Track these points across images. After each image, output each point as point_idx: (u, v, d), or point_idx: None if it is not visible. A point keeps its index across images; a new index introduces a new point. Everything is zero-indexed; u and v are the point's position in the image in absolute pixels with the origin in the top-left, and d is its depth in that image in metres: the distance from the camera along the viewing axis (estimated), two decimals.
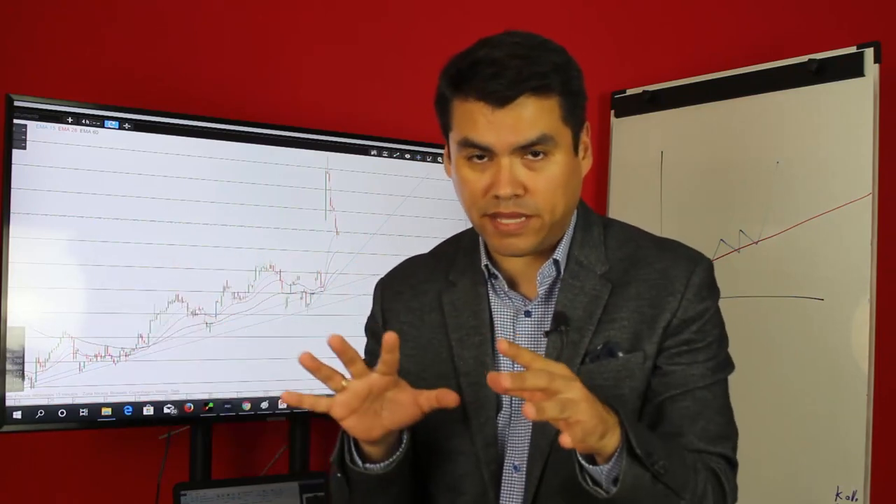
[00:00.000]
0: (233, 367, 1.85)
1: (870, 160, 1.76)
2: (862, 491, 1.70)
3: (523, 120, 1.03)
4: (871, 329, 1.73)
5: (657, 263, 1.14)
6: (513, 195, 1.04)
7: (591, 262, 1.14)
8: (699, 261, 1.16)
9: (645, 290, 1.12)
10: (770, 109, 1.94)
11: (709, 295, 1.14)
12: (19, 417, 1.67)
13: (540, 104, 1.03)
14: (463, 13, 2.31)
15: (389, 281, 1.29)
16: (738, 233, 1.97)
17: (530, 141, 1.03)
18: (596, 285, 1.12)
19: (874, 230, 1.75)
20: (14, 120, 1.68)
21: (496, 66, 1.02)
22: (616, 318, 1.11)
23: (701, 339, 1.13)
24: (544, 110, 1.04)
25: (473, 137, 1.05)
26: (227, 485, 1.83)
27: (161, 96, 1.96)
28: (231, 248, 1.87)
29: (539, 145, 1.04)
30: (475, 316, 1.16)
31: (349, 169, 2.01)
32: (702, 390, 1.12)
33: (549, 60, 1.05)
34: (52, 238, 1.71)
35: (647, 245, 1.18)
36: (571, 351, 1.10)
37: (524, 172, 1.05)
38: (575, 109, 1.08)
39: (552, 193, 1.06)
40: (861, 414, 1.71)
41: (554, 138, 1.05)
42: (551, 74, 1.04)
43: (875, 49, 1.78)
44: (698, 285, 1.13)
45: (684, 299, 1.12)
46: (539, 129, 1.03)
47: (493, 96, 1.02)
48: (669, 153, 2.14)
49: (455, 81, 1.06)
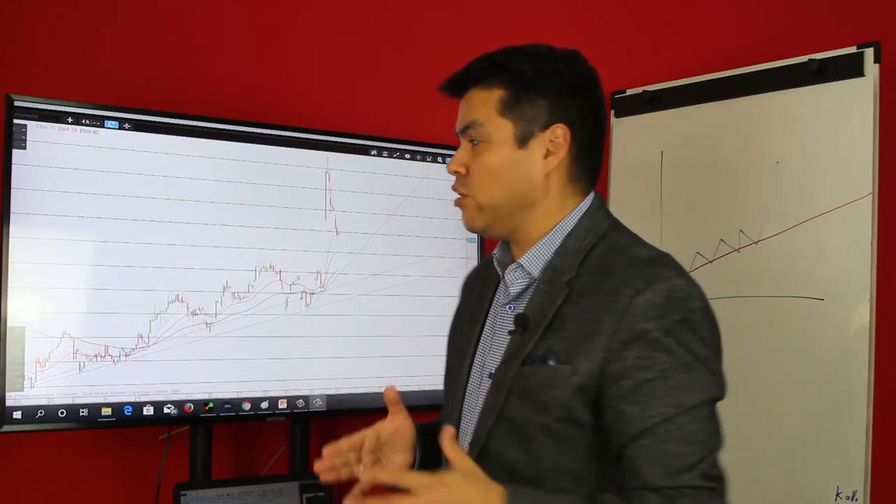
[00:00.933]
0: (233, 367, 1.85)
1: (870, 160, 1.76)
2: (862, 491, 1.70)
3: (465, 107, 1.20)
4: (871, 329, 1.72)
5: (618, 278, 1.09)
6: (454, 172, 1.20)
7: (563, 268, 1.14)
8: (656, 281, 1.07)
9: (595, 304, 1.09)
10: (770, 109, 1.94)
11: (661, 315, 1.05)
12: (19, 417, 1.67)
13: (480, 94, 1.17)
14: (463, 13, 2.31)
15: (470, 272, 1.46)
16: (738, 233, 1.96)
17: (462, 126, 1.19)
18: (555, 291, 1.12)
19: (874, 230, 1.74)
20: (14, 120, 1.69)
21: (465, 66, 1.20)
22: (562, 328, 1.10)
23: (646, 367, 1.04)
24: (482, 100, 1.17)
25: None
26: (227, 485, 1.83)
27: (161, 96, 1.96)
28: (231, 248, 1.87)
29: (471, 131, 1.17)
30: (482, 299, 1.28)
31: (349, 169, 2.01)
32: (664, 425, 1.03)
33: (496, 58, 1.17)
34: (52, 238, 1.71)
35: (625, 259, 1.13)
36: (519, 351, 1.13)
37: (469, 156, 1.19)
38: (520, 105, 1.15)
39: (481, 178, 1.17)
40: (861, 414, 1.71)
41: (484, 126, 1.16)
42: (497, 68, 1.16)
43: (875, 49, 1.78)
44: (643, 305, 1.05)
45: (623, 320, 1.05)
46: (470, 117, 1.17)
47: (452, 88, 1.21)
48: (669, 153, 2.14)
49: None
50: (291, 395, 1.91)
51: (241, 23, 2.12)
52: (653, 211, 2.13)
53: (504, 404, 1.12)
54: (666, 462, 1.02)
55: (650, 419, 1.03)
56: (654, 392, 1.03)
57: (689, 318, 1.06)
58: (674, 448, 1.03)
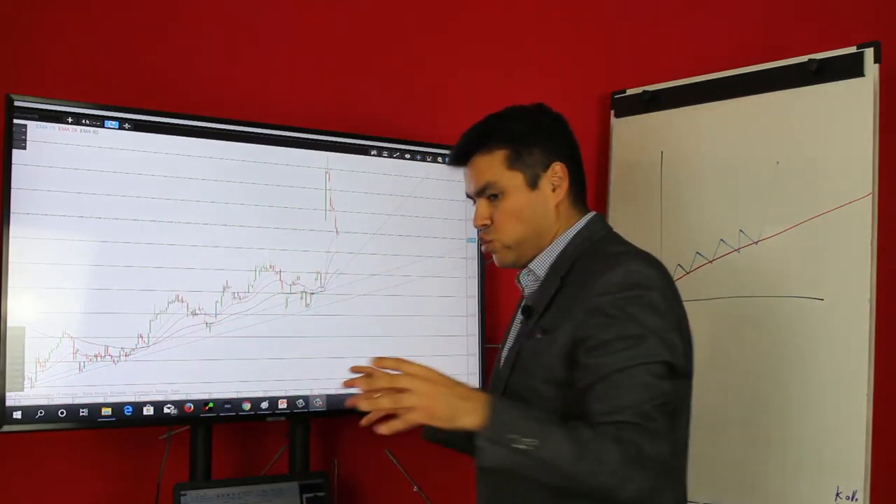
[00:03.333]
0: (233, 367, 1.85)
1: (870, 160, 1.76)
2: (862, 491, 1.70)
3: (475, 173, 1.44)
4: (871, 329, 1.73)
5: (593, 268, 1.33)
6: (482, 225, 1.45)
7: (560, 266, 1.40)
8: (616, 266, 1.30)
9: (574, 289, 1.34)
10: (770, 109, 1.94)
11: (617, 290, 1.27)
12: (19, 417, 1.67)
13: (487, 159, 1.42)
14: (464, 14, 2.31)
15: None
16: (738, 233, 1.97)
17: (479, 188, 1.44)
18: (553, 283, 1.39)
19: (874, 230, 1.75)
20: (14, 120, 1.69)
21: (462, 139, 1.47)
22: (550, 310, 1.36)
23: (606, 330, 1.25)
24: (490, 163, 1.42)
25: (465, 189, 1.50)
26: (227, 485, 1.83)
27: (161, 96, 1.96)
28: (231, 248, 1.87)
29: (488, 190, 1.42)
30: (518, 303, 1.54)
31: (349, 169, 2.01)
32: (616, 374, 1.23)
33: (491, 125, 1.44)
34: (52, 238, 1.71)
35: (602, 254, 1.37)
36: (522, 334, 1.42)
37: (490, 209, 1.44)
38: (522, 157, 1.41)
39: (504, 224, 1.42)
40: (861, 414, 1.71)
41: (497, 183, 1.41)
42: (492, 135, 1.42)
43: (875, 49, 1.78)
44: (604, 283, 1.28)
45: (591, 294, 1.28)
46: (484, 179, 1.42)
47: (456, 159, 1.48)
48: (669, 153, 2.14)
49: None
50: (291, 395, 1.91)
51: (241, 23, 2.12)
52: (653, 211, 2.13)
53: (509, 376, 1.40)
54: (611, 402, 1.22)
55: (606, 367, 1.23)
56: (611, 349, 1.24)
57: (643, 294, 1.27)
58: (622, 393, 1.22)
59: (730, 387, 1.92)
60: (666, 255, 2.04)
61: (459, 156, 1.46)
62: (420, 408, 1.17)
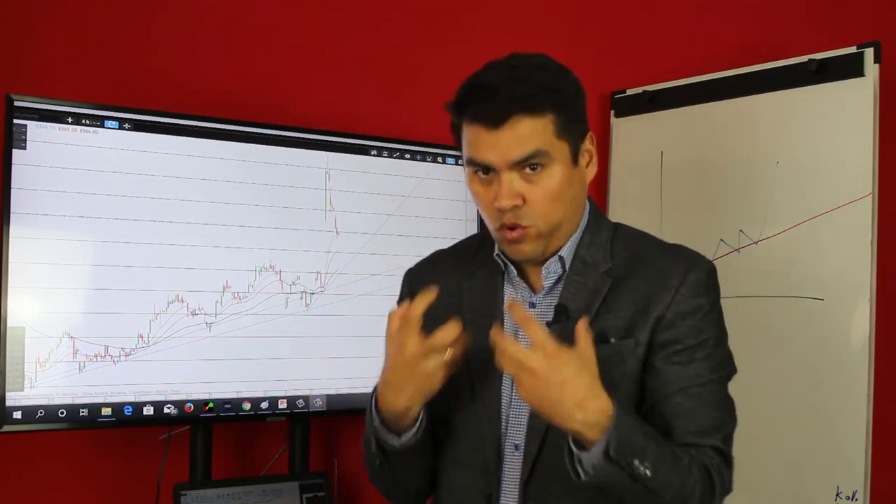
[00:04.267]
0: (233, 367, 1.85)
1: (870, 160, 1.76)
2: (862, 491, 1.70)
3: (517, 138, 1.12)
4: (871, 329, 1.73)
5: (659, 262, 1.20)
6: (512, 206, 1.14)
7: (595, 260, 1.22)
8: (699, 261, 1.21)
9: (643, 284, 1.19)
10: (770, 109, 1.94)
11: (705, 293, 1.19)
12: (19, 417, 1.67)
13: (532, 123, 1.13)
14: (464, 14, 2.31)
15: (417, 268, 1.39)
16: (738, 233, 1.97)
17: (525, 157, 1.13)
18: (598, 281, 1.20)
19: (874, 230, 1.74)
20: (14, 120, 1.69)
21: (490, 90, 1.12)
22: (613, 309, 1.18)
23: (695, 336, 1.17)
24: (537, 128, 1.13)
25: (475, 156, 1.15)
26: (227, 485, 1.83)
27: (161, 96, 1.96)
28: (231, 248, 1.87)
29: (534, 159, 1.13)
30: (489, 303, 1.25)
31: (349, 169, 2.01)
32: (697, 388, 1.15)
33: (540, 81, 1.14)
34: (52, 238, 1.71)
35: (653, 247, 1.25)
36: (571, 340, 1.12)
37: (523, 185, 1.14)
38: (570, 124, 1.16)
39: (548, 204, 1.15)
40: (861, 414, 1.71)
41: (548, 153, 1.14)
42: (541, 94, 1.13)
43: (875, 49, 1.78)
44: (694, 282, 1.18)
45: (678, 294, 1.17)
46: (533, 146, 1.13)
47: (488, 118, 1.12)
48: (669, 153, 2.14)
49: (458, 107, 1.17)
50: (291, 395, 1.91)
51: (242, 23, 2.12)
52: (653, 211, 2.13)
53: None
54: (697, 421, 1.13)
55: (687, 380, 1.14)
56: (695, 357, 1.15)
57: (719, 297, 1.21)
58: (704, 410, 1.14)
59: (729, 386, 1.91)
60: None
61: (500, 113, 1.12)
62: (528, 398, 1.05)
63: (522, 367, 1.03)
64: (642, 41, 2.30)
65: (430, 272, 1.35)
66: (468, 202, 2.14)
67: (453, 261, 1.34)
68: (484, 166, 1.15)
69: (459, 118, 1.17)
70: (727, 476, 1.15)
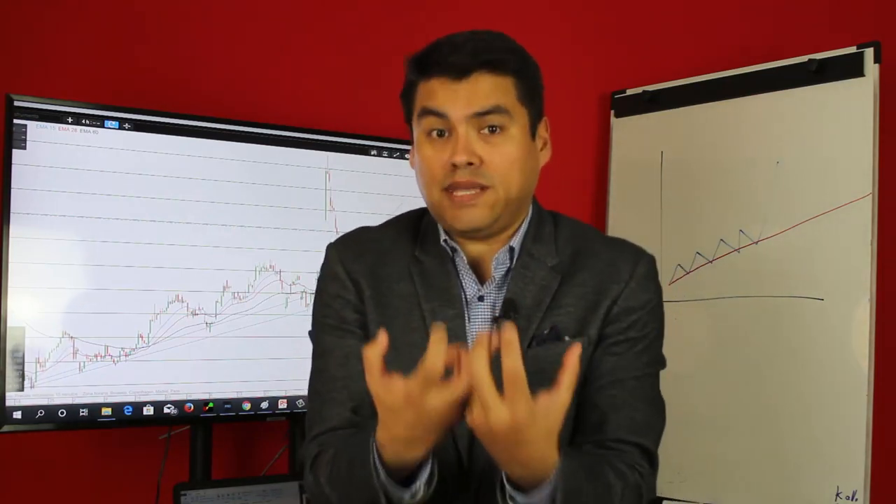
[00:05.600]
0: (233, 367, 1.85)
1: (870, 160, 1.76)
2: (862, 491, 1.70)
3: (479, 91, 1.09)
4: (871, 329, 1.73)
5: (604, 254, 1.19)
6: (467, 163, 1.08)
7: (541, 254, 1.18)
8: (643, 254, 1.20)
9: (590, 277, 1.16)
10: (770, 109, 1.94)
11: (654, 288, 1.19)
12: (19, 417, 1.67)
13: (495, 80, 1.10)
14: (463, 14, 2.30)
15: (347, 242, 1.26)
16: (738, 233, 1.97)
17: (486, 109, 1.09)
18: (546, 276, 1.16)
19: (874, 230, 1.75)
20: (14, 120, 1.69)
21: (454, 46, 1.11)
22: (562, 305, 1.15)
23: (639, 329, 1.16)
24: (499, 85, 1.10)
25: (432, 105, 1.11)
26: (227, 485, 1.83)
27: (161, 96, 1.96)
28: (231, 248, 1.87)
29: (494, 115, 1.09)
30: (447, 290, 1.17)
31: (349, 169, 2.01)
32: (633, 381, 1.14)
33: (505, 44, 1.13)
34: (52, 238, 1.71)
35: (596, 239, 1.23)
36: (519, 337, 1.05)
37: (481, 146, 1.10)
38: (532, 96, 1.14)
39: (508, 167, 1.10)
40: (861, 414, 1.71)
41: (509, 112, 1.10)
42: (506, 55, 1.11)
43: (875, 49, 1.78)
44: (643, 276, 1.17)
45: (627, 287, 1.15)
46: (494, 100, 1.09)
47: (451, 68, 1.09)
48: (669, 153, 2.14)
49: (418, 63, 1.14)
50: (291, 395, 1.91)
51: (242, 23, 2.12)
52: (653, 211, 2.13)
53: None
54: (631, 415, 1.11)
55: (623, 371, 1.13)
56: (634, 350, 1.14)
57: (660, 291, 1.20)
58: (639, 404, 1.13)
59: (730, 387, 1.91)
60: (666, 255, 2.05)
61: (464, 65, 1.09)
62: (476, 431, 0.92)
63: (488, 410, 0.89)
64: (642, 41, 2.30)
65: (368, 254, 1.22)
66: None
67: (392, 244, 1.23)
68: (439, 114, 1.10)
69: (418, 74, 1.13)
70: (650, 478, 1.11)
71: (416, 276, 1.19)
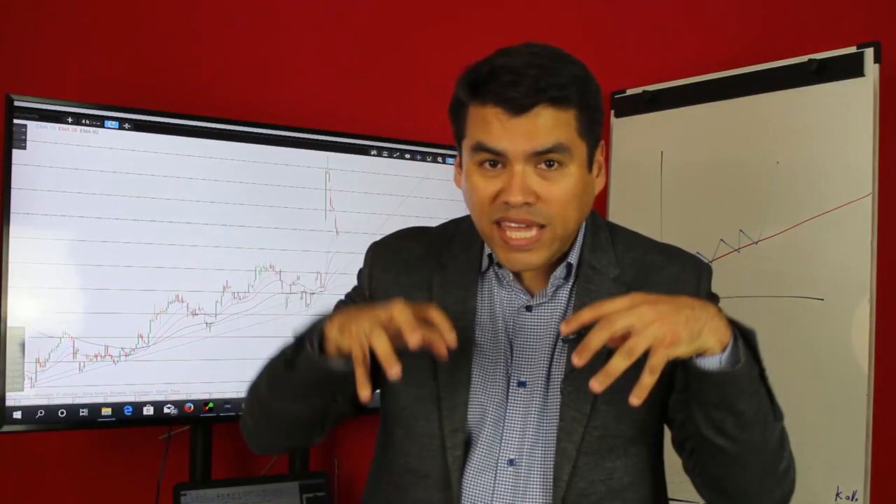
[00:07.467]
0: (233, 367, 1.85)
1: (870, 160, 1.76)
2: (862, 491, 1.70)
3: (539, 128, 1.03)
4: (871, 329, 1.72)
5: (667, 269, 1.17)
6: (524, 203, 1.03)
7: (602, 266, 1.15)
8: (704, 267, 1.20)
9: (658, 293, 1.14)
10: (770, 109, 1.94)
11: (715, 299, 1.19)
12: (19, 417, 1.67)
13: (556, 115, 1.03)
14: (463, 13, 2.30)
15: (383, 248, 1.26)
16: (738, 233, 1.96)
17: (546, 148, 1.03)
18: (611, 289, 1.13)
19: (874, 230, 1.74)
20: (14, 120, 1.69)
21: (515, 74, 1.02)
22: None
23: None
24: (561, 121, 1.04)
25: (487, 142, 1.04)
26: (227, 485, 1.83)
27: (161, 96, 1.96)
28: (231, 248, 1.87)
29: (554, 154, 1.04)
30: (462, 302, 1.16)
31: (349, 169, 2.01)
32: None
33: (569, 73, 1.05)
34: (52, 238, 1.71)
35: (654, 251, 1.20)
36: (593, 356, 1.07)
37: (537, 182, 1.04)
38: (592, 125, 1.08)
39: (565, 205, 1.06)
40: (861, 414, 1.71)
41: (569, 149, 1.05)
42: (569, 86, 1.04)
43: (875, 49, 1.78)
44: (707, 290, 1.18)
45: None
46: (555, 138, 1.03)
47: (511, 103, 1.02)
48: (669, 153, 2.13)
49: (473, 87, 1.06)
50: None
51: (241, 23, 2.12)
52: (653, 211, 2.13)
53: (590, 414, 1.09)
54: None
55: None
56: None
57: None
58: None
59: None
60: None
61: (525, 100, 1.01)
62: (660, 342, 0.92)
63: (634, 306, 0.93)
64: (642, 41, 2.30)
65: (397, 263, 1.22)
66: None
67: (424, 251, 1.22)
68: (495, 153, 1.04)
69: (471, 98, 1.06)
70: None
71: (435, 286, 1.18)
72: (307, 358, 1.06)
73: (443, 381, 1.13)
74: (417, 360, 1.10)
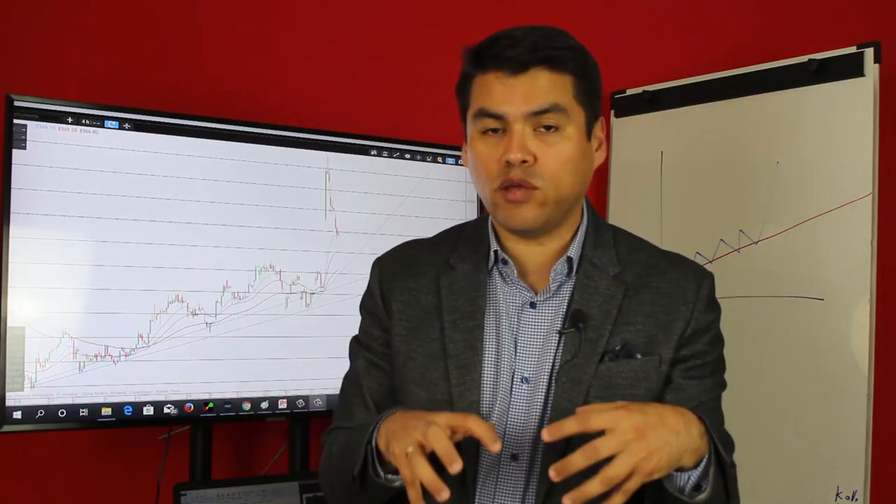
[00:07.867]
0: (233, 367, 1.85)
1: (870, 160, 1.76)
2: (862, 491, 1.70)
3: (537, 89, 1.07)
4: (871, 329, 1.72)
5: (669, 273, 1.18)
6: (522, 160, 1.07)
7: (603, 263, 1.17)
8: (706, 274, 1.20)
9: (658, 297, 1.16)
10: (770, 109, 1.94)
11: (715, 308, 1.19)
12: (19, 417, 1.67)
13: (553, 77, 1.08)
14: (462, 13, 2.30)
15: (387, 260, 1.30)
16: (738, 233, 1.96)
17: (543, 108, 1.07)
18: (610, 286, 1.15)
19: (874, 230, 1.74)
20: (14, 120, 1.69)
21: (513, 39, 1.09)
22: (632, 322, 1.14)
23: (711, 351, 1.18)
24: (557, 83, 1.08)
25: (489, 106, 1.09)
26: (227, 485, 1.83)
27: (161, 96, 1.96)
28: (231, 248, 1.87)
29: (551, 114, 1.08)
30: (471, 302, 1.17)
31: (349, 169, 2.01)
32: (711, 402, 1.17)
33: (566, 42, 1.11)
34: (52, 238, 1.71)
35: (657, 255, 1.22)
36: (589, 349, 1.12)
37: (535, 144, 1.08)
38: (589, 95, 1.12)
39: (560, 167, 1.09)
40: (861, 414, 1.71)
41: (567, 111, 1.09)
42: (566, 52, 1.09)
43: (875, 49, 1.78)
44: (707, 297, 1.17)
45: (696, 310, 1.16)
46: (552, 99, 1.08)
47: (508, 63, 1.08)
48: (669, 153, 2.13)
49: (475, 56, 1.13)
50: (291, 395, 1.91)
51: (241, 23, 2.12)
52: (653, 211, 2.13)
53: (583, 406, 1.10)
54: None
55: (704, 394, 1.15)
56: (708, 373, 1.17)
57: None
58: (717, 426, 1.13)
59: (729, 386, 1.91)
60: None
61: (522, 60, 1.07)
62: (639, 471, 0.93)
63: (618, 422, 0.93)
64: (642, 41, 2.30)
65: (402, 270, 1.25)
66: (468, 202, 2.14)
67: (428, 256, 1.25)
68: (496, 116, 1.09)
69: (475, 67, 1.12)
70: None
71: (443, 287, 1.20)
72: (373, 482, 1.08)
73: (455, 382, 1.15)
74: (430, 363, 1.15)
